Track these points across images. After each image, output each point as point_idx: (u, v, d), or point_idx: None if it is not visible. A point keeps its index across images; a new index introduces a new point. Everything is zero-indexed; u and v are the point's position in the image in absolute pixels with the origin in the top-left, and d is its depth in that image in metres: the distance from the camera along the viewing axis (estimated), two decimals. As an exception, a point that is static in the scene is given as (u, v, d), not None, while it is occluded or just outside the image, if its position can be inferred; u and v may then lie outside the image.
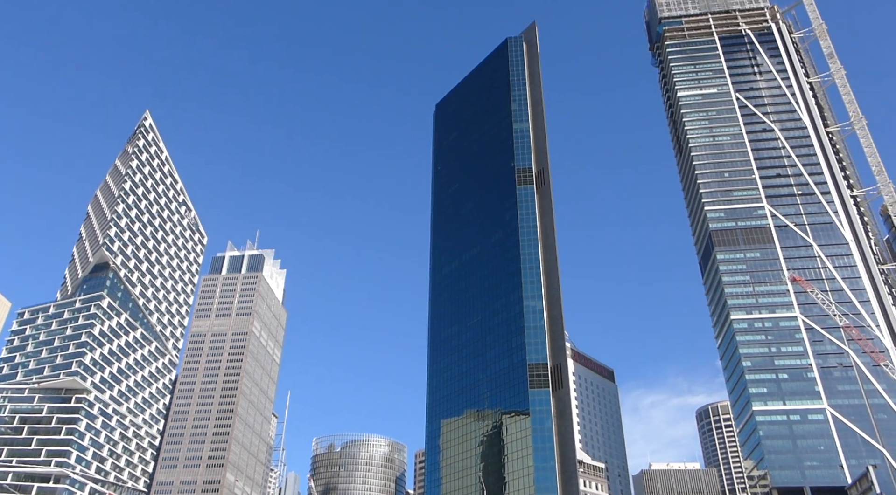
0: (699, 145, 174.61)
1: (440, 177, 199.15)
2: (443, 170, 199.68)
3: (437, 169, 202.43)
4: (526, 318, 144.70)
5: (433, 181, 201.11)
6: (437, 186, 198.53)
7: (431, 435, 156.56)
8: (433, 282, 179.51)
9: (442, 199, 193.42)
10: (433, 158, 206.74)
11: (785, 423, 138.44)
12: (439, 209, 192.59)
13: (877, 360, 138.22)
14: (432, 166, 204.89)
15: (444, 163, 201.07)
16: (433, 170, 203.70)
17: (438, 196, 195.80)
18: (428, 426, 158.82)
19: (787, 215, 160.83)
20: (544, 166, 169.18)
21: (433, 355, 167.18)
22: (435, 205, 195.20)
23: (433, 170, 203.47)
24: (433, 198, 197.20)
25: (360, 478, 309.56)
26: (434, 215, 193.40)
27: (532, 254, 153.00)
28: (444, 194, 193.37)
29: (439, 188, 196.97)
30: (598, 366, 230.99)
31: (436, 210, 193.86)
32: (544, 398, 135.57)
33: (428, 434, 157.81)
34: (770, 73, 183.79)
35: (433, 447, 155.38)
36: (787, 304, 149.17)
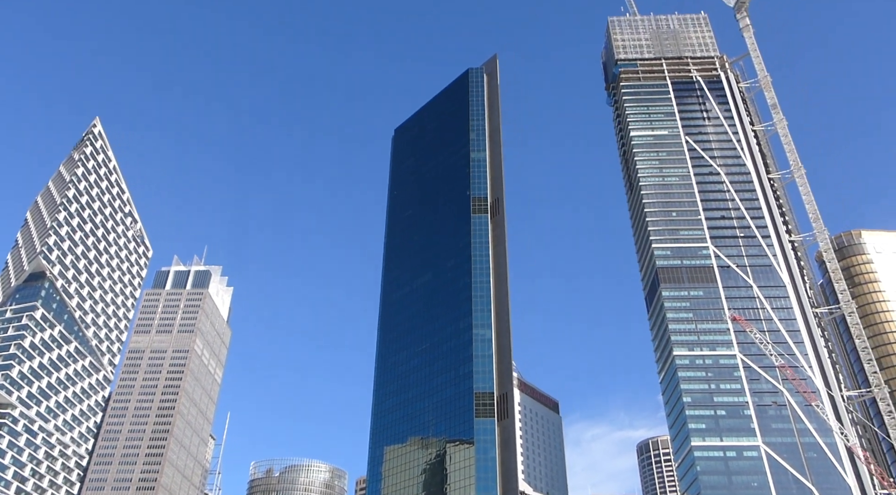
0: (649, 184, 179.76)
1: (396, 202, 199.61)
2: (399, 195, 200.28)
3: (392, 194, 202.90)
4: (475, 347, 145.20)
5: (388, 206, 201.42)
6: (392, 211, 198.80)
7: (374, 462, 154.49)
8: (383, 306, 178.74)
9: (396, 224, 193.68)
10: (389, 183, 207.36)
11: (721, 459, 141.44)
12: (393, 234, 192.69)
13: (809, 400, 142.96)
14: (388, 191, 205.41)
15: (400, 188, 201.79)
16: (389, 194, 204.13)
17: (393, 221, 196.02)
18: (371, 453, 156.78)
19: (729, 256, 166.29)
20: (499, 196, 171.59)
21: (380, 381, 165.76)
22: (389, 229, 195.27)
23: (389, 195, 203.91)
24: (387, 223, 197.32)
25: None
26: (388, 240, 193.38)
27: (484, 282, 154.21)
28: (399, 219, 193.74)
29: (394, 213, 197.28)
30: (543, 396, 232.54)
31: (390, 235, 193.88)
32: (489, 427, 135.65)
33: (370, 461, 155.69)
34: (718, 119, 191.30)
35: (375, 474, 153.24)
36: (727, 343, 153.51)
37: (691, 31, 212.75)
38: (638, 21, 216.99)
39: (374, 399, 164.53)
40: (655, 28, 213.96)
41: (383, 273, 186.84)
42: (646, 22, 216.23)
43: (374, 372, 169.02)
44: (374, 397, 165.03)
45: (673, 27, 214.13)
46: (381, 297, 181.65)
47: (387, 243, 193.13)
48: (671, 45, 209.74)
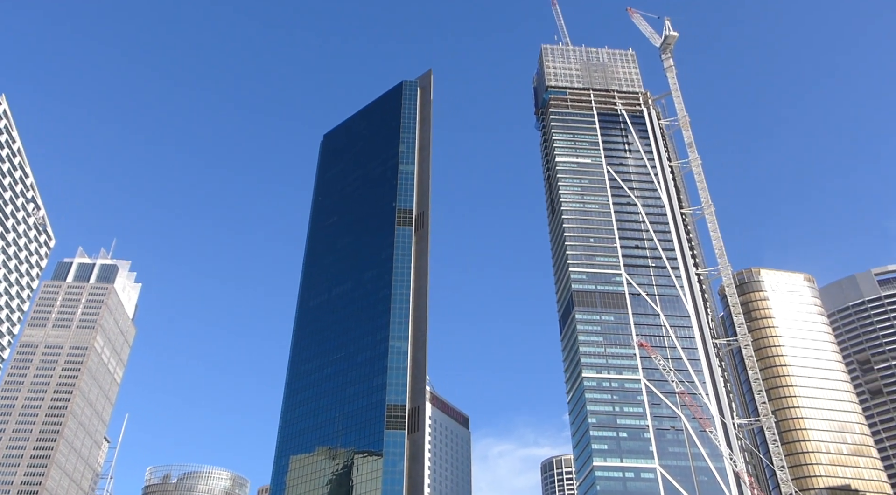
0: (570, 210, 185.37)
1: (320, 208, 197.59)
2: (323, 201, 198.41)
3: (317, 199, 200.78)
4: (390, 359, 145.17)
5: (312, 211, 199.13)
6: (315, 217, 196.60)
7: (279, 471, 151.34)
8: (300, 313, 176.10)
9: (319, 231, 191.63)
10: (315, 189, 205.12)
11: (620, 480, 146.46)
12: (315, 240, 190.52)
13: (703, 426, 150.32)
14: (313, 197, 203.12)
15: (325, 194, 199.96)
16: (313, 200, 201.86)
17: (315, 227, 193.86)
18: (276, 461, 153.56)
19: (640, 284, 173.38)
20: (425, 210, 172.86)
21: (291, 388, 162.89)
22: (311, 235, 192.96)
23: (313, 201, 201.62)
24: (310, 229, 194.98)
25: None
26: (309, 246, 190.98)
27: (403, 295, 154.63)
28: (322, 226, 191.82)
29: (317, 219, 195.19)
30: (454, 411, 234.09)
31: (311, 241, 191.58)
32: (399, 440, 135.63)
33: (275, 469, 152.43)
34: (638, 152, 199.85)
35: (279, 483, 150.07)
36: (633, 367, 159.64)
37: (619, 66, 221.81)
38: (570, 51, 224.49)
39: (284, 406, 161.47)
40: (586, 59, 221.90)
41: (302, 279, 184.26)
42: (577, 53, 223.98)
43: (286, 379, 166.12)
44: (283, 404, 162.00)
45: (602, 60, 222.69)
46: (298, 303, 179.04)
47: (308, 249, 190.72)
48: (599, 77, 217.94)
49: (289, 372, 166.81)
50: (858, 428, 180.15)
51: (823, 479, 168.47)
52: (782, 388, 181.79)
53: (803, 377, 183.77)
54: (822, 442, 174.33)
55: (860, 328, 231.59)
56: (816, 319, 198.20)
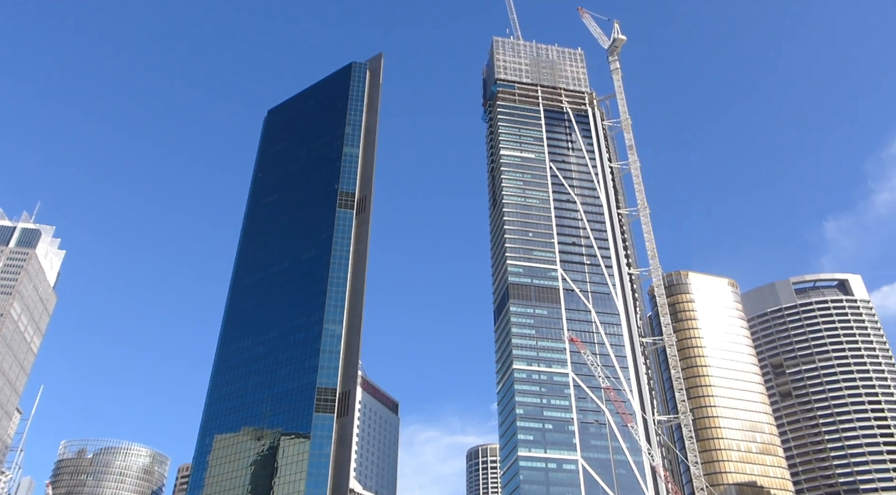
0: (511, 203, 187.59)
1: (259, 185, 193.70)
2: (264, 178, 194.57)
3: (257, 176, 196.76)
4: (323, 341, 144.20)
5: (251, 188, 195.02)
6: (254, 194, 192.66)
7: (202, 450, 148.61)
8: (233, 290, 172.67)
9: (257, 208, 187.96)
10: (256, 165, 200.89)
11: (543, 470, 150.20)
12: (253, 218, 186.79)
13: (626, 421, 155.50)
14: (253, 173, 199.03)
15: (266, 171, 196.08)
16: (253, 177, 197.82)
17: (254, 204, 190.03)
18: (200, 440, 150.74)
19: (574, 280, 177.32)
20: (367, 194, 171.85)
21: (219, 367, 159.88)
22: (249, 212, 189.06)
23: (253, 178, 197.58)
24: (248, 205, 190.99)
25: (109, 489, 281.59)
26: (246, 223, 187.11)
27: (341, 278, 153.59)
28: (261, 203, 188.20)
29: (256, 196, 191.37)
30: (384, 397, 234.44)
31: (249, 218, 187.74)
32: (328, 423, 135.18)
33: (198, 448, 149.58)
34: (581, 151, 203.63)
35: (201, 463, 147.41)
36: (563, 361, 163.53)
37: (567, 64, 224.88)
38: (520, 45, 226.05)
39: (211, 384, 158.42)
40: (535, 55, 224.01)
41: (237, 256, 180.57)
42: (527, 48, 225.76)
43: (215, 357, 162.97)
44: (210, 383, 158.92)
45: (552, 57, 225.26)
46: (231, 280, 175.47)
47: (245, 226, 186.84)
48: (548, 73, 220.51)
49: (218, 351, 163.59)
50: (767, 428, 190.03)
51: (733, 475, 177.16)
52: (701, 388, 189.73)
53: (721, 378, 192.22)
54: (733, 440, 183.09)
55: (776, 333, 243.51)
56: (737, 323, 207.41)
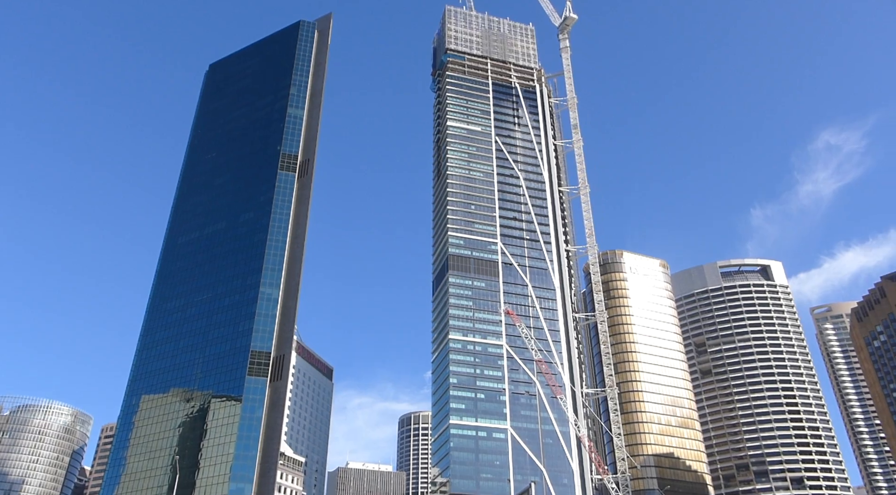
0: (455, 175, 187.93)
1: (198, 142, 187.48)
2: (203, 134, 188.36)
3: (196, 133, 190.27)
4: (259, 305, 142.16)
5: (189, 145, 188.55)
6: (192, 151, 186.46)
7: (128, 410, 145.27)
8: (167, 248, 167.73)
9: (195, 165, 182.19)
10: (194, 121, 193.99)
11: (473, 438, 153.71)
12: (190, 175, 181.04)
13: (555, 393, 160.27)
14: (191, 129, 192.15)
15: (205, 128, 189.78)
16: (192, 133, 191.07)
17: (192, 161, 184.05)
18: (126, 400, 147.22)
19: (513, 254, 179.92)
20: (310, 157, 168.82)
21: (149, 326, 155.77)
22: (186, 169, 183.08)
23: (191, 133, 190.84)
24: (185, 162, 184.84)
25: (27, 448, 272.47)
26: (183, 180, 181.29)
27: (279, 241, 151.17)
28: (199, 160, 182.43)
29: (194, 153, 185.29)
30: (319, 362, 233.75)
31: (186, 175, 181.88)
32: (260, 387, 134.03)
33: (124, 408, 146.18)
34: (526, 127, 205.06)
35: (127, 423, 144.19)
36: (498, 333, 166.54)
37: (518, 39, 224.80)
38: (472, 16, 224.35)
39: (140, 344, 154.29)
40: (487, 27, 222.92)
41: (172, 214, 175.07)
42: (479, 19, 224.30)
43: (144, 317, 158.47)
44: (139, 342, 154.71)
45: (503, 31, 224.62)
46: (165, 239, 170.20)
47: (181, 183, 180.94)
48: (498, 47, 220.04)
49: (148, 311, 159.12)
50: (687, 403, 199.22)
51: (652, 447, 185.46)
52: (628, 364, 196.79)
53: (647, 354, 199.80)
54: (655, 413, 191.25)
55: (701, 314, 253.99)
56: (665, 303, 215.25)
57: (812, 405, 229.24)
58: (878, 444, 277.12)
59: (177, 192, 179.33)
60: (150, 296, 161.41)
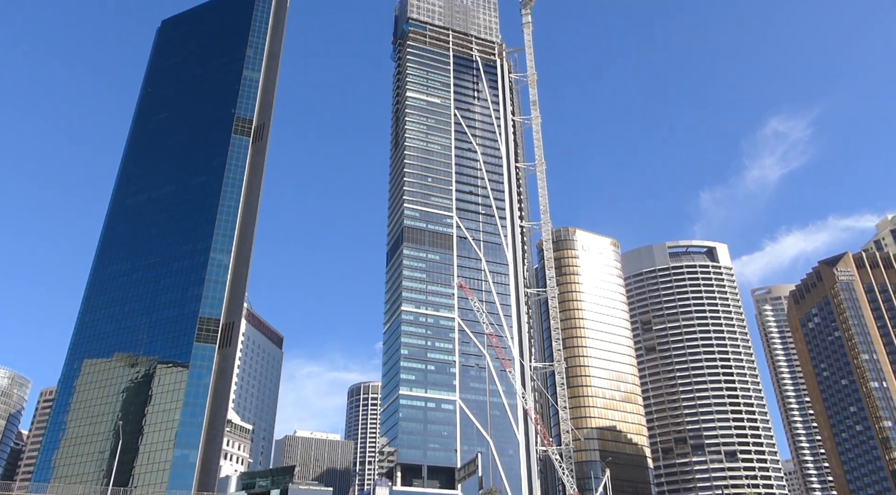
0: (413, 147, 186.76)
1: (149, 100, 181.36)
2: (154, 93, 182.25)
3: (146, 91, 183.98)
4: (209, 270, 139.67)
5: (139, 103, 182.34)
6: (142, 110, 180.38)
7: (69, 374, 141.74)
8: (113, 211, 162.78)
9: (145, 125, 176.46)
10: (145, 79, 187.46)
11: (422, 409, 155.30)
12: (139, 135, 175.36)
13: (504, 366, 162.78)
14: (142, 87, 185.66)
15: (157, 86, 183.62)
16: (142, 91, 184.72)
17: (142, 120, 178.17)
18: (67, 363, 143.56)
19: (468, 228, 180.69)
20: (266, 122, 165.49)
21: (93, 289, 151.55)
22: (135, 129, 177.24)
23: (142, 92, 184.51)
24: (135, 121, 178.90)
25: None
26: (131, 140, 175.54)
27: (232, 207, 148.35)
28: (149, 120, 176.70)
29: (145, 112, 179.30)
30: (269, 330, 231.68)
31: (135, 135, 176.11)
32: (209, 354, 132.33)
33: (65, 372, 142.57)
34: (486, 101, 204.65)
35: (68, 387, 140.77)
36: (450, 306, 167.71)
37: (480, 12, 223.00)
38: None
39: (83, 307, 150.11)
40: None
41: (120, 174, 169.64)
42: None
43: (88, 279, 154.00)
44: (82, 305, 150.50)
45: (465, 3, 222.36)
46: (111, 200, 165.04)
47: (130, 143, 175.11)
48: (460, 19, 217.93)
49: (92, 273, 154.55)
50: (631, 378, 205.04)
51: (596, 420, 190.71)
52: (576, 339, 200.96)
53: (595, 331, 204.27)
54: (600, 388, 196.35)
55: (648, 292, 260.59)
56: (615, 281, 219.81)
57: (748, 382, 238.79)
58: (807, 421, 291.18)
59: (125, 152, 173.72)
60: (95, 258, 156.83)
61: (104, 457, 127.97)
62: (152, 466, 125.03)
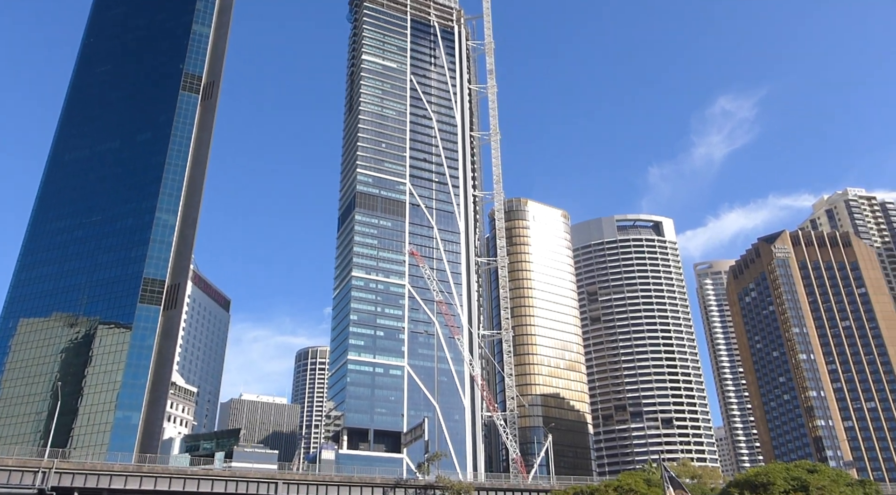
0: (368, 111, 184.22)
1: (91, 51, 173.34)
2: (96, 44, 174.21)
3: (88, 41, 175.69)
4: (154, 230, 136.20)
5: (80, 53, 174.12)
6: (83, 61, 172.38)
7: (4, 334, 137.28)
8: (52, 166, 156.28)
9: (87, 77, 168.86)
10: (87, 28, 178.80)
11: (370, 374, 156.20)
12: (81, 87, 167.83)
13: (453, 333, 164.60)
14: (83, 36, 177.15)
15: (100, 36, 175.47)
16: (83, 40, 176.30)
17: (83, 72, 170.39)
18: (2, 323, 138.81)
19: (421, 196, 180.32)
20: (216, 79, 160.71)
21: (31, 247, 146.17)
22: (76, 80, 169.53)
23: (83, 41, 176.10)
24: (75, 73, 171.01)
25: None
26: (72, 91, 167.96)
27: (179, 165, 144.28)
28: (92, 72, 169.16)
29: (87, 64, 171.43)
30: (216, 293, 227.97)
31: (76, 86, 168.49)
32: (153, 315, 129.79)
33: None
34: (443, 68, 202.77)
35: (3, 347, 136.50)
36: (401, 273, 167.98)
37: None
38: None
39: (18, 265, 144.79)
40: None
41: (59, 127, 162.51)
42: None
43: (24, 236, 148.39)
44: (17, 263, 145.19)
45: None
46: (51, 153, 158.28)
47: (70, 95, 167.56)
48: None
49: (29, 230, 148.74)
50: (576, 347, 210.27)
51: (540, 387, 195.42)
52: (524, 308, 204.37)
53: (543, 300, 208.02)
54: (545, 356, 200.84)
55: (595, 264, 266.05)
56: (564, 252, 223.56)
57: (687, 353, 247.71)
58: (739, 390, 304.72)
59: (65, 105, 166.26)
60: (32, 214, 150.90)
61: (41, 419, 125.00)
62: (92, 428, 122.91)
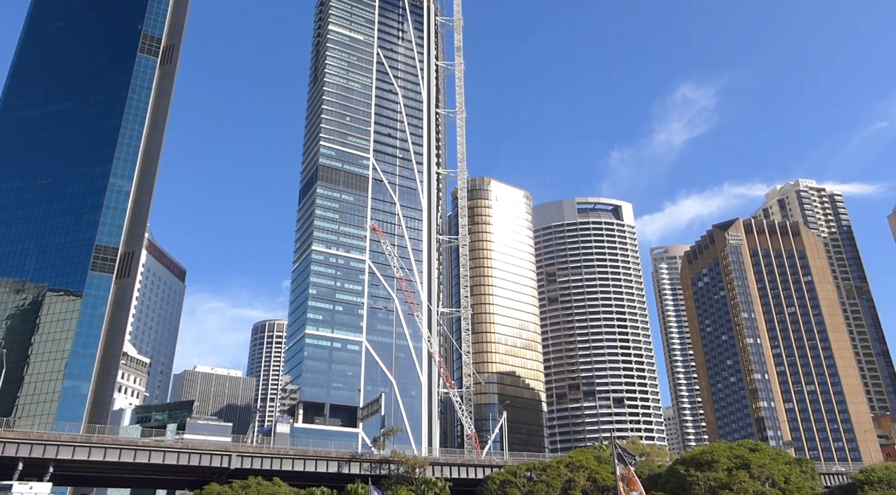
0: (333, 83, 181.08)
1: (43, 5, 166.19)
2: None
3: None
4: (108, 196, 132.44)
5: (31, 8, 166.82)
6: (35, 15, 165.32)
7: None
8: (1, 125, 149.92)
9: (38, 34, 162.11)
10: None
11: (327, 349, 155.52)
12: (31, 43, 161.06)
13: (412, 310, 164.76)
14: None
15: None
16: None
17: (35, 28, 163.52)
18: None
19: (384, 171, 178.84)
20: (176, 43, 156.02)
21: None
22: (26, 36, 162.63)
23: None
24: (26, 28, 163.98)
25: None
26: (22, 48, 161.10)
27: (135, 131, 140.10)
28: (44, 29, 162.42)
29: (38, 19, 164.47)
30: (172, 262, 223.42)
31: (26, 42, 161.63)
32: (105, 283, 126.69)
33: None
34: (410, 42, 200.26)
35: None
36: (361, 248, 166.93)
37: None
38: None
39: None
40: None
41: (7, 85, 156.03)
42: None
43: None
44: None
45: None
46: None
47: (20, 51, 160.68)
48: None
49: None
50: (533, 327, 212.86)
51: (497, 365, 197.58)
52: (484, 287, 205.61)
53: (502, 280, 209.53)
54: (503, 335, 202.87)
55: (555, 246, 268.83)
56: (525, 233, 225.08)
57: (640, 335, 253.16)
58: (689, 372, 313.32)
59: (14, 61, 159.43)
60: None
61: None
62: (39, 397, 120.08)
